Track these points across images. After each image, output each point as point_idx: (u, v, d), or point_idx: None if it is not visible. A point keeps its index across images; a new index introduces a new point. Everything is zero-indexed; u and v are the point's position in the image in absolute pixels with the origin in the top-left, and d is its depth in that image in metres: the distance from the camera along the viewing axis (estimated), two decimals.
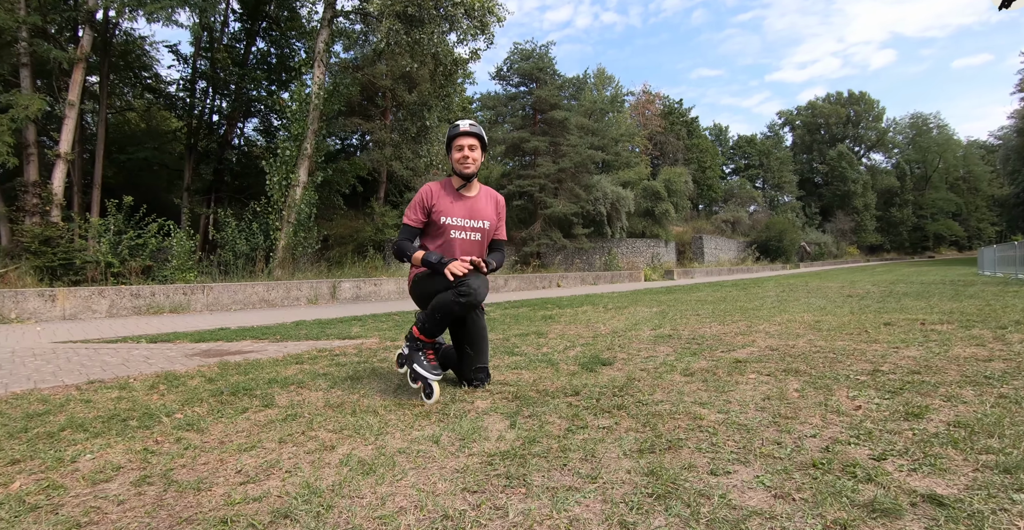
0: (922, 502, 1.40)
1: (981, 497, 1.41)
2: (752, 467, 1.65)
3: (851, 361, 3.29)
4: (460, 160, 2.92)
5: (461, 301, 2.67)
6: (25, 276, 10.12)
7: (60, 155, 13.15)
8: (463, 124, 2.93)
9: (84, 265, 10.53)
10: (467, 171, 2.92)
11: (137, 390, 3.03)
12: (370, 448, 1.90)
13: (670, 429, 2.01)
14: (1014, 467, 1.58)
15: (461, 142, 2.92)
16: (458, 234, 2.95)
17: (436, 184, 3.02)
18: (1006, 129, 53.76)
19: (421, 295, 2.97)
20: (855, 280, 14.79)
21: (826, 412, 2.22)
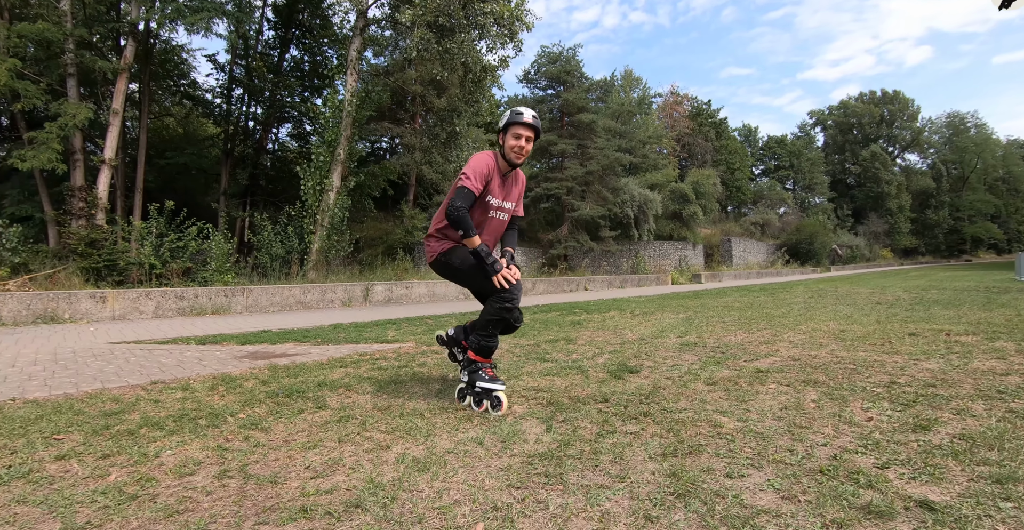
0: (915, 507, 1.56)
1: (970, 504, 1.57)
2: (764, 471, 1.83)
3: (870, 373, 3.42)
4: (515, 149, 2.86)
5: (508, 307, 2.75)
6: (72, 276, 10.66)
7: (105, 161, 13.77)
8: (527, 114, 2.86)
9: (128, 266, 11.04)
10: (518, 161, 2.89)
11: (199, 391, 3.29)
12: (421, 448, 2.13)
13: (692, 435, 2.20)
14: (1006, 478, 1.73)
15: (520, 131, 2.85)
16: (494, 214, 2.94)
17: (492, 157, 2.92)
18: None
19: (445, 272, 3.00)
20: (886, 286, 14.63)
21: (839, 423, 2.37)
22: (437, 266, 3.02)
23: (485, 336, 2.82)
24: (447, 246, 2.95)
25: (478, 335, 2.84)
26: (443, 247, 2.95)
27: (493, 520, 1.52)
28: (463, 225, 2.71)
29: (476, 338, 2.85)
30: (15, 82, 12.72)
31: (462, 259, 2.87)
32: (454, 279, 3.03)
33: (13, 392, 3.38)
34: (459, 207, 2.72)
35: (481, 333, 2.83)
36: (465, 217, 2.71)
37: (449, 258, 2.92)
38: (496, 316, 2.78)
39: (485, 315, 2.81)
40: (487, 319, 2.80)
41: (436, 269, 3.05)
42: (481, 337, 2.83)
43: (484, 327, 2.82)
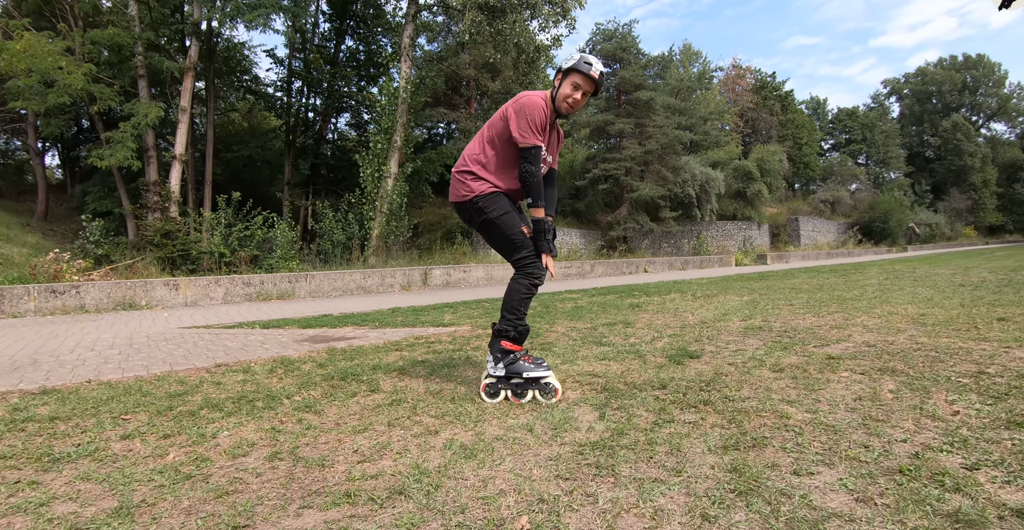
0: (1010, 516, 1.38)
1: None
2: (836, 469, 1.68)
3: (954, 361, 3.14)
4: (568, 100, 2.57)
5: (538, 283, 2.59)
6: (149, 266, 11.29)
7: (176, 156, 14.46)
8: (596, 66, 2.53)
9: (200, 256, 11.59)
10: (568, 112, 2.63)
11: (258, 374, 3.38)
12: (470, 434, 2.09)
13: (755, 427, 2.06)
14: None
15: (581, 83, 2.55)
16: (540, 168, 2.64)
17: (545, 102, 2.61)
18: None
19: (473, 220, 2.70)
20: (970, 266, 13.62)
21: (920, 416, 2.18)
22: (466, 209, 2.70)
23: (517, 319, 2.59)
24: (487, 189, 2.64)
25: (511, 321, 2.59)
26: (483, 189, 2.64)
27: (538, 514, 1.45)
28: (536, 193, 2.50)
29: (510, 324, 2.59)
30: (91, 86, 13.49)
31: (502, 211, 2.61)
32: (480, 230, 2.71)
33: (90, 374, 3.56)
34: (535, 173, 2.48)
35: (513, 316, 2.59)
36: (541, 185, 2.51)
37: (488, 205, 2.62)
38: (528, 293, 2.58)
39: (516, 294, 2.58)
40: (520, 297, 2.58)
41: (462, 213, 2.73)
42: (514, 321, 2.59)
43: (516, 308, 2.59)
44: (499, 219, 2.61)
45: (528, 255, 2.59)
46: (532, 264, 2.59)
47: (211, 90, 18.23)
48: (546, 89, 2.94)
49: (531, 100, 2.55)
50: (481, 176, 2.66)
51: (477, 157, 2.69)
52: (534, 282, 2.59)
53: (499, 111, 2.67)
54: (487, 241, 2.75)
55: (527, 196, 2.54)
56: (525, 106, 2.53)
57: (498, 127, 2.63)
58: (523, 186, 2.55)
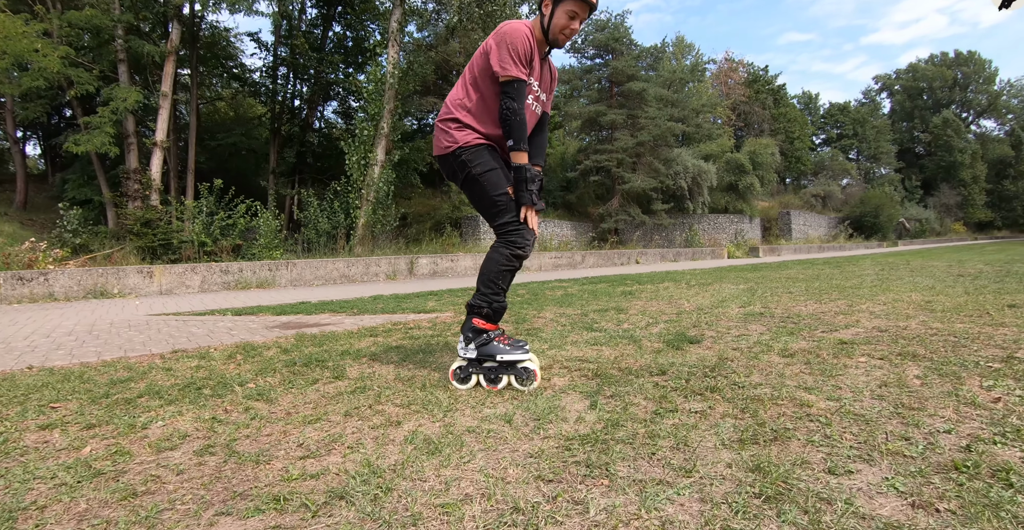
0: None
1: None
2: (879, 467, 1.39)
3: (977, 346, 2.86)
4: (565, 29, 2.24)
5: (521, 254, 2.24)
6: (129, 256, 10.91)
7: (157, 143, 14.02)
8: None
9: (181, 245, 11.22)
10: (561, 44, 2.31)
11: (216, 360, 3.07)
12: (437, 425, 1.77)
13: (773, 416, 1.76)
14: None
15: (577, 9, 2.20)
16: (531, 103, 2.35)
17: (530, 32, 2.26)
18: None
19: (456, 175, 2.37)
20: (963, 259, 13.44)
21: (959, 404, 1.89)
22: (448, 163, 2.37)
23: (494, 294, 2.27)
24: (473, 140, 2.31)
25: (487, 296, 2.27)
26: (467, 140, 2.30)
27: (512, 527, 1.13)
28: (518, 134, 2.15)
29: (484, 300, 2.27)
30: (68, 69, 13.00)
31: (487, 167, 2.28)
32: (463, 187, 2.38)
33: (37, 360, 3.25)
34: (517, 110, 2.14)
35: (488, 291, 2.26)
36: (524, 123, 2.16)
37: (472, 159, 2.29)
38: (508, 265, 2.24)
39: (494, 265, 2.25)
40: (499, 269, 2.25)
41: (445, 167, 2.41)
42: (490, 296, 2.27)
43: (494, 281, 2.26)
44: (483, 176, 2.27)
45: (513, 220, 2.25)
46: (516, 231, 2.24)
47: (194, 76, 17.73)
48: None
49: (513, 28, 2.21)
50: (466, 123, 2.31)
51: (461, 102, 2.34)
52: (517, 252, 2.24)
53: (480, 46, 2.33)
54: (470, 201, 2.42)
55: (507, 137, 2.18)
56: (507, 35, 2.20)
57: (480, 64, 2.29)
58: (503, 125, 2.19)
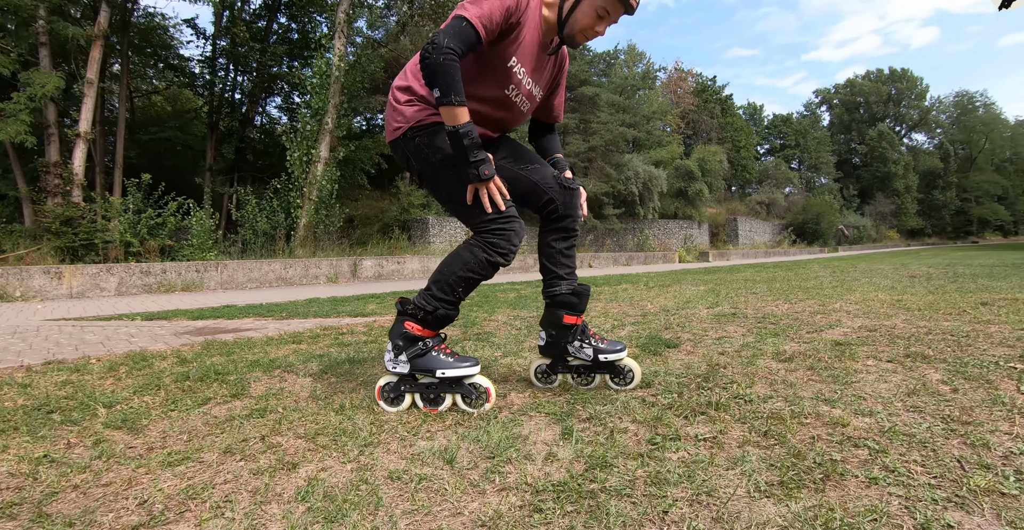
0: None
1: None
2: (982, 515, 0.97)
3: (983, 345, 2.55)
4: (587, 30, 1.75)
5: (499, 262, 1.69)
6: (46, 257, 9.86)
7: (80, 134, 12.90)
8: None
9: (105, 245, 10.24)
10: (576, 44, 1.80)
11: (92, 373, 2.46)
12: (348, 469, 1.24)
13: (806, 442, 1.33)
14: None
15: (608, 8, 1.70)
16: (515, 96, 1.80)
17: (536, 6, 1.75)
18: None
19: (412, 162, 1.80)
20: (905, 263, 13.70)
21: (1012, 414, 1.52)
22: (401, 147, 1.81)
23: (447, 302, 1.72)
24: (427, 117, 1.73)
25: (437, 299, 1.71)
26: (421, 117, 1.73)
27: None
28: (444, 79, 1.52)
29: (432, 302, 1.71)
30: None
31: (448, 151, 1.70)
32: (423, 182, 1.84)
33: None
34: (447, 49, 1.51)
35: (442, 296, 1.71)
36: (452, 67, 1.52)
37: (426, 142, 1.74)
38: (479, 272, 1.70)
39: (461, 266, 1.70)
40: (464, 274, 1.70)
41: (397, 153, 1.84)
42: (441, 302, 1.71)
43: (452, 286, 1.71)
44: (445, 165, 1.72)
45: (496, 218, 1.68)
46: (499, 231, 1.68)
47: (125, 65, 16.49)
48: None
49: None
50: (422, 95, 1.74)
51: (418, 65, 1.76)
52: (496, 259, 1.69)
53: None
54: (433, 196, 1.88)
55: (431, 86, 1.55)
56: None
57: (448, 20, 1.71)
58: (423, 70, 1.56)
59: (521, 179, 1.88)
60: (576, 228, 1.93)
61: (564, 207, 1.89)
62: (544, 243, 1.95)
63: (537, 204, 1.91)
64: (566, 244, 1.92)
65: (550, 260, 1.93)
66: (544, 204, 1.89)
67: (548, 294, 1.93)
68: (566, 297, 1.88)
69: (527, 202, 1.90)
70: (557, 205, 1.89)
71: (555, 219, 1.92)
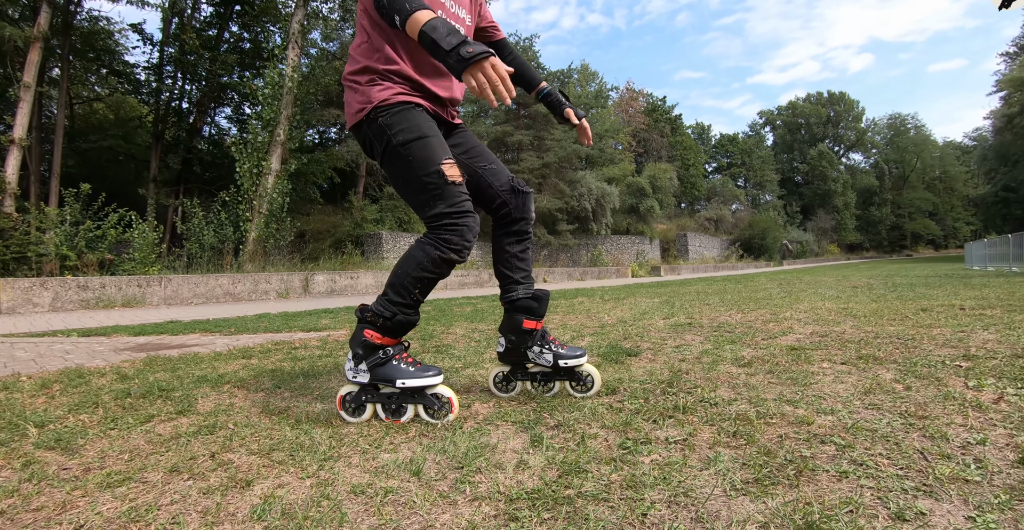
0: None
1: None
2: (950, 501, 0.99)
3: (929, 346, 2.66)
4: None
5: (453, 258, 1.62)
6: None
7: (14, 141, 12.25)
8: None
9: (39, 259, 9.66)
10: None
11: (23, 391, 2.29)
12: (307, 484, 1.17)
13: (774, 440, 1.33)
14: None
15: None
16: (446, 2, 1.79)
17: None
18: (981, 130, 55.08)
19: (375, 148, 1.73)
20: (847, 275, 14.33)
21: (963, 408, 1.58)
22: (364, 130, 1.74)
23: (404, 304, 1.64)
24: (390, 95, 1.68)
25: (394, 304, 1.64)
26: (384, 96, 1.67)
27: None
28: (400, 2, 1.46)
29: (390, 308, 1.64)
30: None
31: (412, 135, 1.64)
32: (382, 163, 1.74)
33: None
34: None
35: (399, 299, 1.64)
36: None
37: (391, 122, 1.66)
38: (433, 270, 1.62)
39: (414, 266, 1.62)
40: (418, 273, 1.62)
41: (359, 137, 1.78)
42: (399, 306, 1.64)
43: (407, 288, 1.64)
44: (407, 147, 1.63)
45: (451, 212, 1.60)
46: (453, 227, 1.61)
47: (65, 69, 15.77)
48: None
49: None
50: (382, 71, 1.69)
51: (366, 44, 1.73)
52: (449, 256, 1.61)
53: None
54: (391, 183, 1.79)
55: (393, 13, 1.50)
56: None
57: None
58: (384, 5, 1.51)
59: (476, 177, 1.86)
60: (529, 231, 1.92)
61: (517, 210, 1.88)
62: (498, 248, 1.92)
63: (490, 206, 1.88)
64: (520, 247, 1.90)
65: (505, 265, 1.90)
66: (497, 206, 1.88)
67: (506, 299, 1.90)
68: (525, 301, 1.85)
69: (480, 201, 1.87)
70: (510, 208, 1.87)
71: (508, 222, 1.90)
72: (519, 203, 1.88)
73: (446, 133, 1.86)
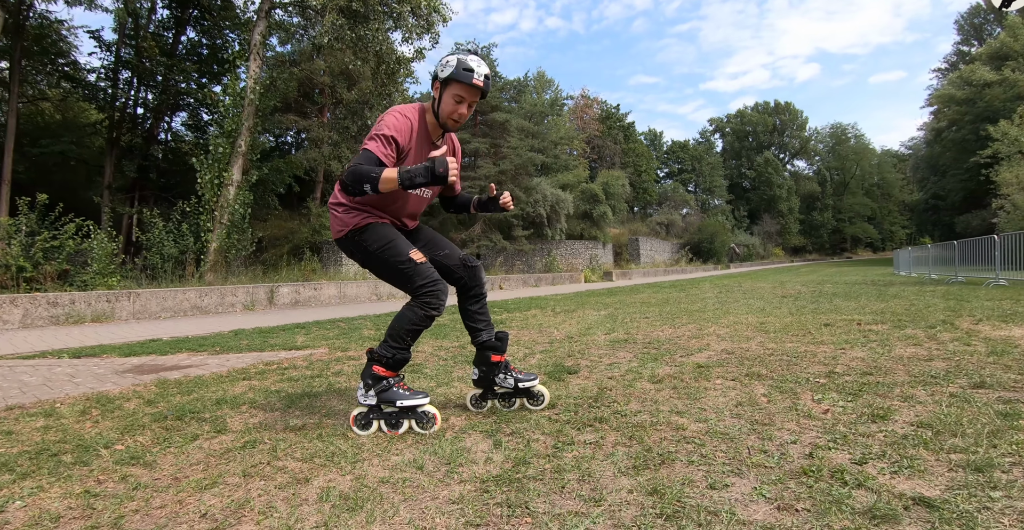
0: (914, 505, 1.43)
1: (963, 497, 1.46)
2: (747, 478, 1.65)
3: (806, 363, 3.39)
4: (453, 114, 2.30)
5: (433, 314, 2.27)
6: None
7: None
8: (479, 72, 2.22)
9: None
10: (452, 128, 2.38)
11: (66, 417, 2.70)
12: (349, 479, 1.76)
13: (656, 442, 1.99)
14: (984, 466, 1.65)
15: (463, 93, 2.26)
16: (418, 190, 2.42)
17: (415, 114, 2.33)
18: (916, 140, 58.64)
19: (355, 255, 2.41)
20: (784, 281, 15.48)
21: (798, 417, 2.26)
22: (346, 245, 2.43)
23: (400, 348, 2.30)
24: (360, 220, 2.36)
25: (393, 347, 2.29)
26: (356, 221, 2.36)
27: None
28: (362, 175, 2.06)
29: (390, 350, 2.29)
30: None
31: (382, 242, 2.32)
32: (367, 266, 2.43)
33: None
34: (350, 168, 2.12)
35: (396, 345, 2.29)
36: (361, 171, 2.08)
37: (363, 238, 2.35)
38: (421, 324, 2.28)
39: (405, 322, 2.28)
40: (410, 326, 2.28)
41: (344, 248, 2.46)
42: (396, 349, 2.29)
43: (402, 337, 2.29)
44: (381, 251, 2.32)
45: (425, 283, 2.28)
46: (429, 293, 2.28)
47: (15, 72, 15.48)
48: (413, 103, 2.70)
49: (393, 111, 2.30)
50: (353, 207, 2.39)
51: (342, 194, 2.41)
52: (430, 313, 2.28)
53: None
54: (377, 276, 2.46)
55: (357, 191, 2.11)
56: (386, 117, 2.28)
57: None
58: (343, 186, 2.16)
59: (437, 263, 2.54)
60: (482, 293, 2.61)
61: (470, 280, 2.58)
62: (463, 308, 2.61)
63: (451, 279, 2.57)
64: (478, 306, 2.59)
65: (471, 319, 2.59)
66: (456, 280, 2.57)
67: (476, 342, 2.58)
68: (492, 343, 2.54)
69: (444, 277, 2.53)
70: (465, 280, 2.56)
71: (466, 289, 2.59)
72: (471, 275, 2.57)
73: (408, 234, 2.54)
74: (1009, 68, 36.26)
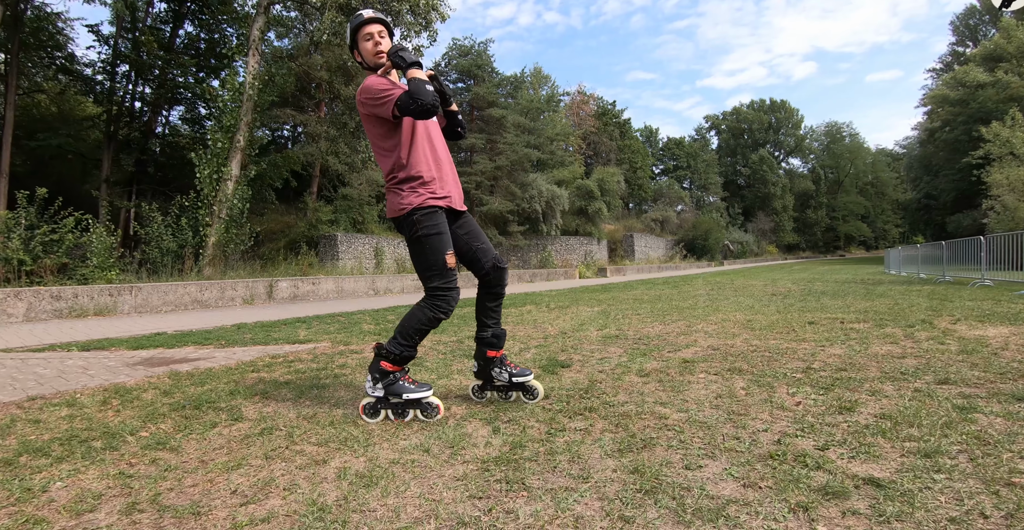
0: (863, 485, 1.63)
1: (909, 478, 1.65)
2: (719, 461, 1.84)
3: (785, 360, 3.59)
4: (374, 51, 2.56)
5: (442, 317, 2.47)
6: None
7: None
8: (366, 11, 2.59)
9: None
10: (382, 60, 2.56)
11: (88, 407, 2.86)
12: (362, 460, 1.95)
13: (640, 429, 2.19)
14: (932, 452, 1.84)
15: (370, 30, 2.57)
16: (435, 136, 2.64)
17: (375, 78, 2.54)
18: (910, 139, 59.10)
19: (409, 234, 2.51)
20: (776, 279, 15.72)
21: (772, 408, 2.45)
22: (401, 222, 2.54)
23: (408, 345, 2.47)
24: (426, 201, 2.48)
25: (401, 345, 2.46)
26: (420, 202, 2.48)
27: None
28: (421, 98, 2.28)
29: (398, 347, 2.46)
30: None
31: (434, 231, 2.46)
32: (409, 244, 2.54)
33: None
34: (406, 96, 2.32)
35: (405, 343, 2.46)
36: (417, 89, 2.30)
37: (422, 220, 2.46)
38: (429, 325, 2.47)
39: (415, 321, 2.47)
40: (419, 326, 2.47)
41: (399, 225, 2.56)
42: (404, 346, 2.47)
43: (411, 335, 2.47)
44: (428, 239, 2.46)
45: (443, 286, 2.46)
46: (443, 296, 2.47)
47: (14, 64, 15.48)
48: None
49: (364, 85, 2.51)
50: (416, 188, 2.50)
51: (396, 173, 2.54)
52: (439, 315, 2.47)
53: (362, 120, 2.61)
54: (411, 257, 2.58)
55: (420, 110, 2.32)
56: (362, 91, 2.50)
57: (376, 131, 2.54)
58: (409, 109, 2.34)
59: (473, 251, 2.69)
60: (502, 293, 2.78)
61: (495, 280, 2.73)
62: (480, 302, 2.77)
63: (478, 272, 2.73)
64: (495, 303, 2.77)
65: (484, 314, 2.76)
66: (483, 275, 2.72)
67: (478, 337, 2.77)
68: (489, 339, 2.73)
69: (472, 268, 2.73)
70: (492, 277, 2.72)
71: (489, 286, 2.75)
72: (497, 276, 2.74)
73: (454, 219, 2.66)
74: (1002, 70, 36.59)
